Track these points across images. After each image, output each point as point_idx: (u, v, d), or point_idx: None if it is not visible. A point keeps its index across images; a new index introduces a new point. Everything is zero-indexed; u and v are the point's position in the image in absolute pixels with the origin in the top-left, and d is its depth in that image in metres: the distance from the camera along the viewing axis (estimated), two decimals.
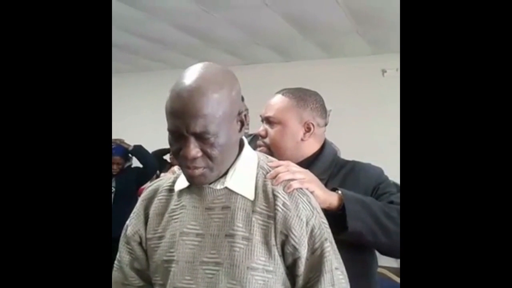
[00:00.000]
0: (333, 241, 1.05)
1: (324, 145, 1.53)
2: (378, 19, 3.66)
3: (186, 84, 0.94)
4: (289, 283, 1.03)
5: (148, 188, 1.18)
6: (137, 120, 5.81)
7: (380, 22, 3.75)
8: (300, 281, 1.01)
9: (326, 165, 1.44)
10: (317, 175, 1.15)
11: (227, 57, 4.82)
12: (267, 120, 1.46)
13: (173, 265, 1.03)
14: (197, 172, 0.98)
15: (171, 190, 1.12)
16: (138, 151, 3.95)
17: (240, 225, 1.00)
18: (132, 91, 6.08)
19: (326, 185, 1.22)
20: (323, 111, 1.54)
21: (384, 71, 4.97)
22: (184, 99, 0.93)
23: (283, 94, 1.48)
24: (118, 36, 4.15)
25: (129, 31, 4.05)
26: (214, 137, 0.95)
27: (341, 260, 1.06)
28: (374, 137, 4.80)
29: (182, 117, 0.93)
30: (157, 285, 1.07)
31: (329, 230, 1.05)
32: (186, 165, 0.98)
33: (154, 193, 1.14)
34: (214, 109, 0.93)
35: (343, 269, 1.05)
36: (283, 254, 1.01)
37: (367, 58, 5.02)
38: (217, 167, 0.99)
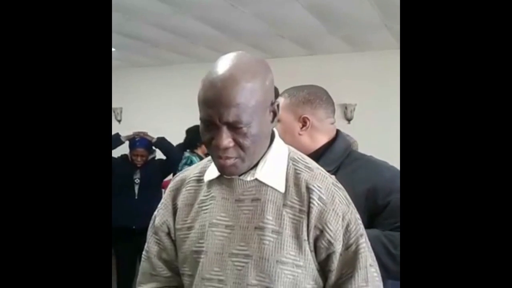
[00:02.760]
0: (367, 238, 1.03)
1: (336, 137, 1.51)
2: None
3: (220, 73, 0.93)
4: (320, 279, 1.01)
5: (175, 178, 1.17)
6: (161, 113, 5.87)
7: None
8: (332, 276, 1.00)
9: (335, 158, 1.44)
10: (324, 167, 1.14)
11: (252, 50, 4.81)
12: None
13: (202, 256, 1.02)
14: (229, 162, 0.97)
15: (199, 180, 1.11)
16: (161, 143, 3.98)
17: (270, 218, 0.99)
18: (157, 84, 6.14)
19: (335, 176, 1.19)
20: (323, 104, 1.51)
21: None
22: (217, 88, 0.92)
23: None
24: (144, 30, 4.18)
25: (155, 25, 4.07)
26: (246, 127, 0.94)
27: (375, 258, 1.04)
28: (398, 129, 4.72)
29: (215, 106, 0.92)
30: (185, 276, 1.07)
31: (363, 226, 1.03)
32: (217, 155, 0.97)
33: (182, 183, 1.13)
34: (248, 98, 0.92)
35: (377, 267, 1.04)
36: (316, 249, 0.99)
37: (393, 52, 4.93)
38: (248, 158, 0.98)
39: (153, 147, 4.03)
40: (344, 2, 3.40)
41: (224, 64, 0.95)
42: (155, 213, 1.15)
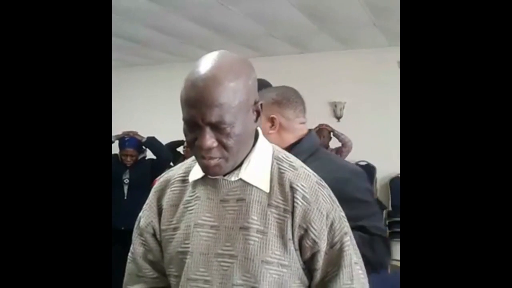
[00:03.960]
0: (352, 235, 1.04)
1: (304, 137, 1.54)
2: (395, 10, 3.62)
3: (201, 73, 0.92)
4: (306, 278, 1.01)
5: (159, 179, 1.16)
6: (151, 112, 5.85)
7: (397, 14, 3.70)
8: (318, 275, 1.00)
9: (297, 157, 1.44)
10: None
11: (243, 49, 4.81)
12: None
13: (188, 256, 1.02)
14: (213, 162, 0.96)
15: (184, 180, 1.10)
16: (151, 143, 3.97)
17: (255, 218, 0.98)
18: (147, 84, 6.12)
19: None
20: (291, 104, 1.55)
21: (399, 63, 4.91)
22: (199, 88, 0.91)
23: None
24: (134, 29, 4.17)
25: (145, 25, 4.06)
26: (230, 127, 0.93)
27: (360, 255, 1.04)
28: (390, 129, 4.76)
29: (198, 106, 0.91)
30: (171, 276, 1.07)
31: (348, 225, 1.03)
32: (201, 155, 0.96)
33: (166, 184, 1.13)
34: (230, 98, 0.91)
35: (362, 264, 1.04)
36: (301, 248, 0.99)
37: (383, 50, 4.97)
38: (232, 158, 0.97)
39: (143, 147, 4.02)
40: (334, 0, 3.42)
41: (206, 64, 0.94)
42: (140, 214, 1.15)
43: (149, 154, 4.05)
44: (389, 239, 1.37)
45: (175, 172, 1.14)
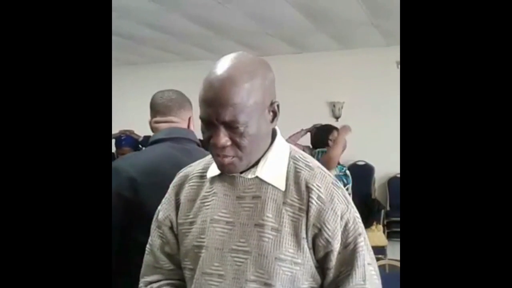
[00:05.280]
0: (366, 236, 1.04)
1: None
2: (393, 10, 3.62)
3: (218, 74, 0.95)
4: (318, 276, 1.02)
5: (178, 174, 1.18)
6: (148, 111, 5.82)
7: (395, 13, 3.70)
8: (330, 274, 1.01)
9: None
10: None
11: (240, 48, 4.76)
12: None
13: (203, 251, 1.03)
14: (226, 160, 0.98)
15: (202, 176, 1.12)
16: (147, 141, 3.97)
17: (270, 215, 1.00)
18: (145, 82, 6.10)
19: None
20: (187, 104, 1.80)
21: (397, 63, 4.92)
22: (215, 88, 0.93)
23: None
24: (131, 28, 4.16)
25: (143, 23, 4.06)
26: (243, 126, 0.95)
27: (373, 256, 1.05)
28: (388, 129, 4.77)
29: (213, 105, 0.94)
30: (186, 269, 1.08)
31: (362, 225, 1.04)
32: (216, 153, 0.99)
33: (185, 179, 1.15)
34: (245, 98, 0.93)
35: (376, 265, 1.05)
36: (314, 247, 1.00)
37: (381, 50, 4.98)
38: (246, 157, 0.99)
39: (140, 146, 4.01)
40: (332, 0, 3.42)
41: (223, 65, 0.96)
42: (159, 207, 1.17)
43: None
44: None
45: (194, 168, 1.16)
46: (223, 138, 0.95)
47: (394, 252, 4.62)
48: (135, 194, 1.47)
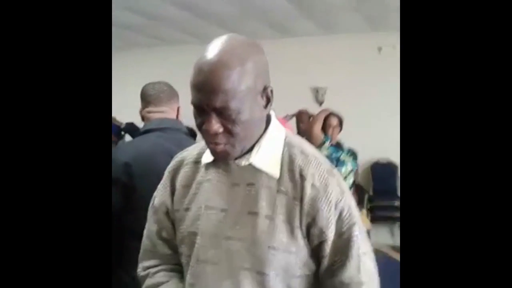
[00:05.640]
0: (362, 225, 1.02)
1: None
2: None
3: (208, 58, 0.91)
4: (313, 265, 1.01)
5: (173, 159, 1.17)
6: (131, 97, 5.76)
7: None
8: (325, 262, 0.99)
9: None
10: None
11: (223, 32, 4.74)
12: None
13: (198, 237, 1.02)
14: (219, 148, 0.96)
15: (197, 162, 1.10)
16: (130, 128, 3.95)
17: (264, 203, 0.98)
18: (127, 68, 6.03)
19: None
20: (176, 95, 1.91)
21: (380, 48, 4.94)
22: (205, 73, 0.90)
23: None
24: (113, 13, 4.08)
25: (125, 8, 3.99)
26: (235, 113, 0.92)
27: (370, 245, 1.04)
28: (370, 114, 4.80)
29: (203, 91, 0.91)
30: (183, 255, 1.07)
31: (357, 214, 1.02)
32: (208, 140, 0.97)
33: (180, 164, 1.13)
34: (236, 84, 0.90)
35: (372, 254, 1.03)
36: (308, 236, 0.98)
37: (364, 35, 4.98)
38: (239, 144, 0.97)
39: (122, 132, 3.99)
40: None
41: (213, 49, 0.93)
42: (155, 193, 1.16)
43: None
44: None
45: (189, 153, 1.15)
46: (215, 125, 0.93)
47: (377, 236, 4.71)
48: (130, 179, 1.60)
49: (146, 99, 1.87)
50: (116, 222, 1.51)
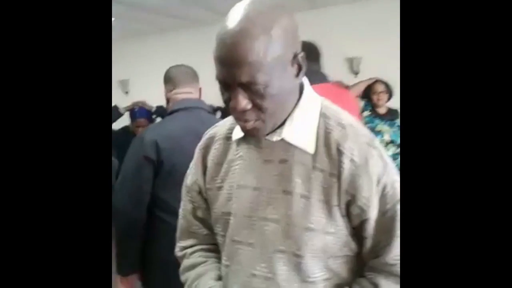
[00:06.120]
0: None
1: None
2: None
3: (229, 28, 0.83)
4: (355, 245, 0.95)
5: (204, 136, 1.12)
6: (159, 81, 5.77)
7: None
8: (368, 243, 0.94)
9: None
10: None
11: None
12: None
13: (231, 217, 0.99)
14: (248, 125, 0.90)
15: (228, 138, 1.05)
16: (161, 111, 3.95)
17: (299, 181, 0.92)
18: (153, 51, 6.01)
19: None
20: (197, 76, 2.06)
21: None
22: (227, 45, 0.82)
23: None
24: None
25: None
26: (263, 87, 0.84)
27: None
28: None
29: (227, 66, 0.84)
30: (218, 235, 1.05)
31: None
32: (236, 117, 0.91)
33: (211, 141, 1.09)
34: (261, 55, 0.82)
35: None
36: (348, 215, 0.92)
37: (397, 0, 4.76)
38: (270, 119, 0.90)
39: (153, 116, 4.00)
40: None
41: (234, 17, 0.84)
42: (187, 171, 1.13)
43: None
44: None
45: (219, 128, 1.10)
46: (243, 101, 0.86)
47: None
48: (158, 155, 1.77)
49: (173, 81, 1.99)
50: (152, 198, 1.79)
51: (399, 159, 1.21)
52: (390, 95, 3.64)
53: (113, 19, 4.89)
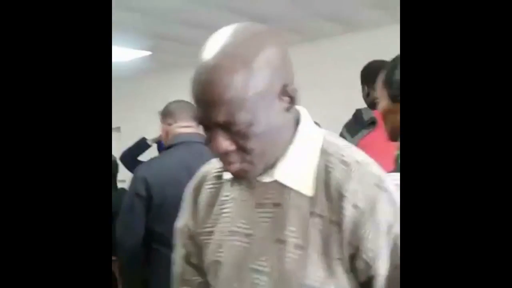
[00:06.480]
0: None
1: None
2: None
3: (203, 61, 0.74)
4: None
5: (197, 174, 1.00)
6: None
7: None
8: None
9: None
10: None
11: (285, 34, 4.62)
12: None
13: (220, 267, 0.87)
14: (233, 167, 0.79)
15: (220, 176, 0.93)
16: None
17: (293, 229, 0.80)
18: (187, 84, 6.02)
19: None
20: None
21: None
22: (201, 83, 0.73)
23: None
24: (177, 29, 4.05)
25: (186, 23, 3.97)
26: (246, 126, 0.74)
27: None
28: None
29: (202, 105, 0.74)
30: (211, 286, 0.92)
31: None
32: (220, 159, 0.80)
33: (203, 180, 0.97)
34: (240, 91, 0.72)
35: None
36: (353, 270, 0.79)
37: None
38: (258, 160, 0.78)
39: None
40: None
41: (210, 47, 0.75)
42: (179, 214, 1.01)
43: None
44: None
45: (212, 166, 0.97)
46: (223, 143, 0.76)
47: None
48: (147, 191, 1.89)
49: (172, 115, 2.07)
50: (148, 231, 1.93)
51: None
52: None
53: (149, 53, 4.98)
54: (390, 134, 1.31)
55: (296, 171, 0.81)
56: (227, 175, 0.90)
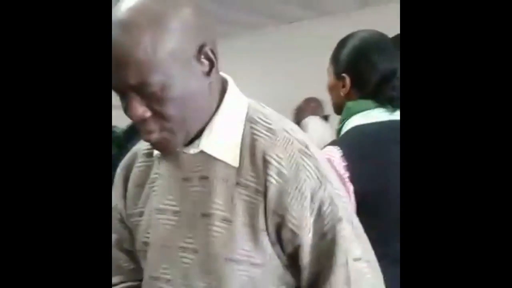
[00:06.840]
0: (354, 220, 0.80)
1: None
2: None
3: (115, 19, 0.70)
4: (290, 278, 0.80)
5: (128, 153, 0.94)
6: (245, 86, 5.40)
7: None
8: (306, 274, 0.77)
9: None
10: None
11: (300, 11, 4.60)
12: None
13: (149, 249, 0.83)
14: (153, 137, 0.75)
15: (150, 154, 0.88)
16: None
17: (220, 202, 0.77)
18: (242, 53, 5.33)
19: None
20: None
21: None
22: (114, 41, 0.68)
23: None
24: None
25: None
26: (160, 89, 0.70)
27: (367, 246, 0.81)
28: None
29: (114, 66, 0.69)
30: (144, 271, 0.88)
31: (347, 206, 0.79)
32: (138, 128, 0.75)
33: (134, 158, 0.92)
34: (151, 50, 0.68)
35: (371, 257, 0.80)
36: (279, 241, 0.77)
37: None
38: (180, 128, 0.75)
39: None
40: None
41: (120, 7, 0.71)
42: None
43: None
44: None
45: (144, 143, 0.90)
46: (139, 108, 0.71)
47: None
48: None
49: None
50: None
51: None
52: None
53: None
54: (335, 108, 1.34)
55: (222, 140, 0.79)
56: (156, 151, 0.86)
